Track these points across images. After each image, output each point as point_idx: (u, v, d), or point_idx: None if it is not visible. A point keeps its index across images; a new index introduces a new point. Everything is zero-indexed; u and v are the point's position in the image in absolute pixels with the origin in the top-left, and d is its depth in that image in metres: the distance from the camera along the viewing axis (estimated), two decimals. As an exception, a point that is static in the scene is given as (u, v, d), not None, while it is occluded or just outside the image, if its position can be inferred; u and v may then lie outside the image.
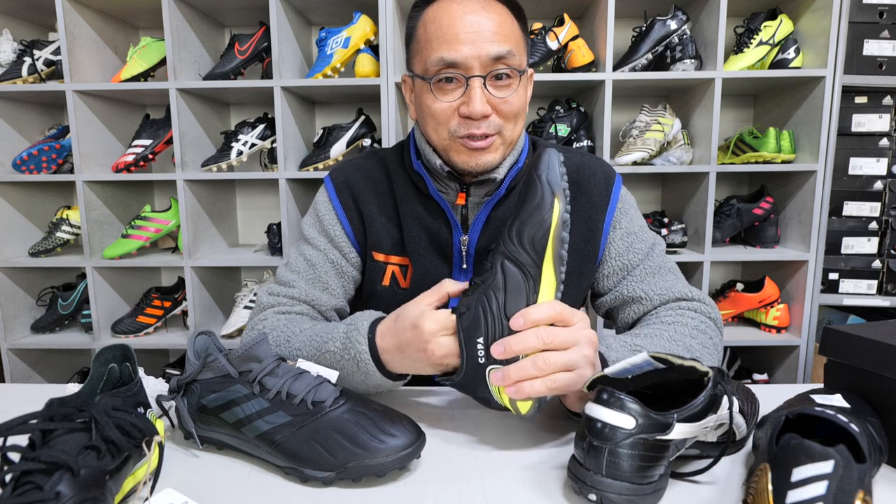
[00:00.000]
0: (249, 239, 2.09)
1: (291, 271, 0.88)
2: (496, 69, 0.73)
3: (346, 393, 0.62)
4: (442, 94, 0.75)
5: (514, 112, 0.77)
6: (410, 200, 0.85)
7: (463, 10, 0.73)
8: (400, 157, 0.88)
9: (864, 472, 0.44)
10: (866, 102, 1.68)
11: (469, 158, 0.77)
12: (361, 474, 0.56)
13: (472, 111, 0.73)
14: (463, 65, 0.73)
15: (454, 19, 0.73)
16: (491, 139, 0.76)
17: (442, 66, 0.73)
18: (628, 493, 0.49)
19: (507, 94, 0.75)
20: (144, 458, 0.55)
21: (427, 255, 0.84)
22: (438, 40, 0.74)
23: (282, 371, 0.62)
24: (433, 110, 0.76)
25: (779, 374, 1.83)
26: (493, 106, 0.75)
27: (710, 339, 0.77)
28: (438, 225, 0.83)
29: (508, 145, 0.79)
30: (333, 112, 1.99)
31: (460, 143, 0.77)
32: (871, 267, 1.72)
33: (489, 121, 0.75)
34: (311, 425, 0.58)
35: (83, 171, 1.70)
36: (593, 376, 0.56)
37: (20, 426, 0.48)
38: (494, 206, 0.82)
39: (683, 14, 1.64)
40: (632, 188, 1.99)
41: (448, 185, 0.82)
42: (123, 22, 1.89)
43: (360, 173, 0.89)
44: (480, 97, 0.73)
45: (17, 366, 1.82)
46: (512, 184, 0.82)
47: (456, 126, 0.76)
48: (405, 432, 0.58)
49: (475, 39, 0.72)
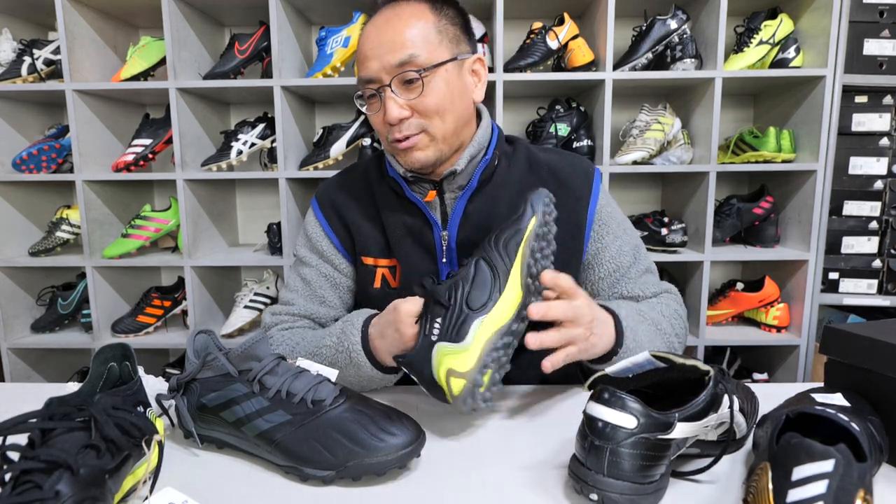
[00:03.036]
0: (249, 238, 2.09)
1: (290, 291, 0.94)
2: (400, 74, 0.77)
3: (345, 392, 0.62)
4: (371, 109, 0.82)
5: (432, 109, 0.79)
6: (391, 205, 0.89)
7: (373, 28, 0.79)
8: (378, 167, 0.93)
9: (864, 471, 0.44)
10: (866, 102, 1.67)
11: (404, 159, 0.82)
12: (361, 473, 0.56)
13: (388, 118, 0.78)
14: (376, 79, 0.78)
15: (366, 39, 0.80)
16: (414, 139, 0.80)
17: (363, 84, 0.81)
18: (630, 492, 0.49)
19: (416, 95, 0.78)
20: (144, 457, 0.55)
21: (412, 253, 0.87)
22: (359, 62, 0.81)
23: (282, 370, 0.62)
24: (373, 123, 0.84)
25: (779, 374, 1.83)
26: (411, 107, 0.78)
27: (683, 321, 0.89)
28: (419, 224, 0.87)
29: (442, 140, 0.81)
30: (333, 111, 1.99)
31: (394, 147, 0.82)
32: (872, 266, 1.72)
33: (408, 122, 0.79)
34: (311, 424, 0.58)
35: (83, 171, 1.70)
36: (594, 377, 0.56)
37: (20, 425, 0.48)
38: (469, 199, 0.86)
39: (683, 13, 1.64)
40: (632, 188, 2.00)
41: (422, 187, 0.86)
42: (123, 21, 1.89)
43: (341, 189, 0.95)
44: (391, 104, 0.77)
45: (17, 365, 1.82)
46: (483, 176, 0.85)
47: (387, 133, 0.81)
48: (405, 431, 0.58)
49: (378, 53, 0.77)
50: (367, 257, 0.91)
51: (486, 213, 0.85)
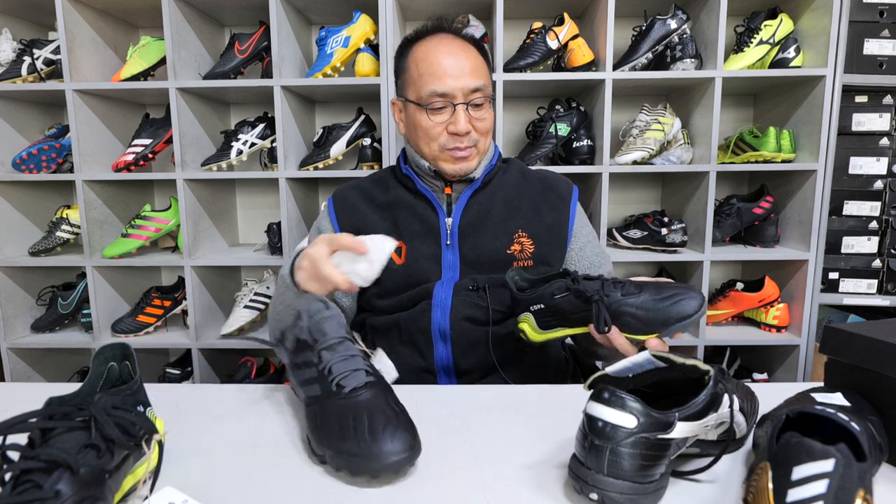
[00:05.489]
0: (249, 238, 2.09)
1: None
2: (474, 98, 0.97)
3: (371, 386, 0.64)
4: (434, 116, 0.98)
5: (486, 129, 1.01)
6: (403, 196, 1.06)
7: (447, 51, 0.98)
8: (392, 172, 1.11)
9: (864, 471, 0.44)
10: (866, 102, 1.67)
11: (454, 166, 1.00)
12: (354, 468, 0.57)
13: (459, 129, 0.96)
14: (450, 94, 0.96)
15: (441, 58, 0.97)
16: (470, 150, 1.00)
17: (434, 96, 0.97)
18: (630, 491, 0.49)
19: (482, 115, 0.99)
20: (144, 457, 0.55)
21: (418, 235, 1.02)
22: (430, 75, 0.97)
23: (342, 349, 0.67)
24: (427, 128, 0.99)
25: (779, 374, 1.83)
26: (472, 124, 0.98)
27: None
28: (427, 212, 1.03)
29: (482, 154, 1.03)
30: (333, 111, 1.99)
31: (448, 154, 0.99)
32: (871, 266, 1.72)
33: (470, 136, 0.98)
34: (329, 404, 0.63)
35: (83, 171, 1.70)
36: (594, 376, 0.56)
37: (20, 425, 0.48)
38: (473, 194, 1.04)
39: (683, 13, 1.64)
40: (632, 188, 2.00)
41: (433, 183, 1.04)
42: (123, 21, 1.89)
43: (355, 187, 1.11)
44: (464, 119, 0.97)
45: (17, 365, 1.82)
46: (486, 178, 1.04)
47: (445, 140, 0.98)
48: (401, 439, 0.58)
49: (458, 75, 0.96)
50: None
51: (484, 206, 1.03)
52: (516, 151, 1.89)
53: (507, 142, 1.96)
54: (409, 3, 1.75)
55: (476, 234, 1.01)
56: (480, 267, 1.00)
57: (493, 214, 1.02)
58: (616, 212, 1.98)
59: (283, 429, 0.70)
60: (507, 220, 1.02)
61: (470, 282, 0.98)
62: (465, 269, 1.00)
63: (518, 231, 1.02)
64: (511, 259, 1.00)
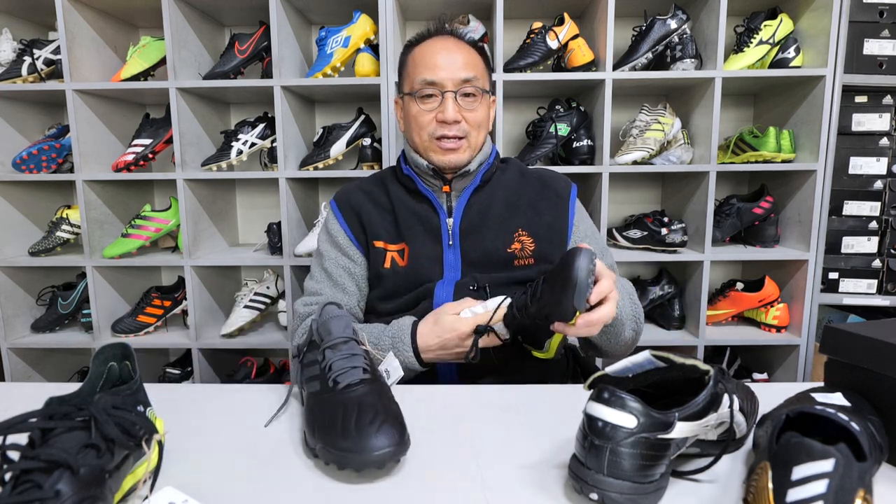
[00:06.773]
0: (249, 238, 2.09)
1: (316, 282, 1.08)
2: (464, 88, 0.99)
3: (366, 383, 0.65)
4: (424, 104, 1.00)
5: (477, 122, 1.01)
6: (404, 198, 1.06)
7: (441, 46, 1.01)
8: (393, 172, 1.12)
9: (864, 471, 0.44)
10: (866, 102, 1.67)
11: (443, 157, 1.00)
12: (338, 460, 0.57)
13: (446, 117, 0.98)
14: (440, 83, 0.98)
15: (434, 52, 1.00)
16: (460, 142, 1.00)
17: (424, 84, 0.99)
18: (630, 491, 0.49)
19: (472, 106, 1.00)
20: (144, 457, 0.55)
21: (420, 236, 1.04)
22: (423, 66, 1.00)
23: (345, 348, 0.68)
24: (417, 117, 1.01)
25: (779, 374, 1.83)
26: (462, 115, 0.99)
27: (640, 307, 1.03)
28: (428, 213, 1.04)
29: (474, 149, 1.02)
30: (333, 111, 1.99)
31: (436, 144, 1.00)
32: (871, 266, 1.72)
33: (459, 126, 0.99)
34: (325, 400, 0.64)
35: (83, 171, 1.70)
36: (594, 376, 0.56)
37: (20, 425, 0.48)
38: (472, 193, 1.04)
39: (683, 13, 1.64)
40: (632, 187, 2.00)
41: (433, 182, 1.04)
42: (123, 21, 1.89)
43: (358, 189, 1.12)
44: (452, 106, 0.98)
45: (17, 365, 1.82)
46: (485, 177, 1.05)
47: (433, 129, 0.99)
48: (387, 435, 0.58)
49: (449, 66, 0.98)
50: (377, 241, 1.05)
51: (484, 206, 1.04)
52: (516, 151, 1.89)
53: (507, 142, 1.96)
54: (409, 3, 1.74)
55: (477, 234, 1.02)
56: (482, 266, 1.00)
57: (494, 214, 1.03)
58: (616, 212, 1.98)
59: (282, 429, 0.70)
60: (508, 219, 1.03)
61: (471, 281, 0.98)
62: (466, 269, 1.01)
63: (518, 230, 1.02)
64: (512, 258, 1.01)
